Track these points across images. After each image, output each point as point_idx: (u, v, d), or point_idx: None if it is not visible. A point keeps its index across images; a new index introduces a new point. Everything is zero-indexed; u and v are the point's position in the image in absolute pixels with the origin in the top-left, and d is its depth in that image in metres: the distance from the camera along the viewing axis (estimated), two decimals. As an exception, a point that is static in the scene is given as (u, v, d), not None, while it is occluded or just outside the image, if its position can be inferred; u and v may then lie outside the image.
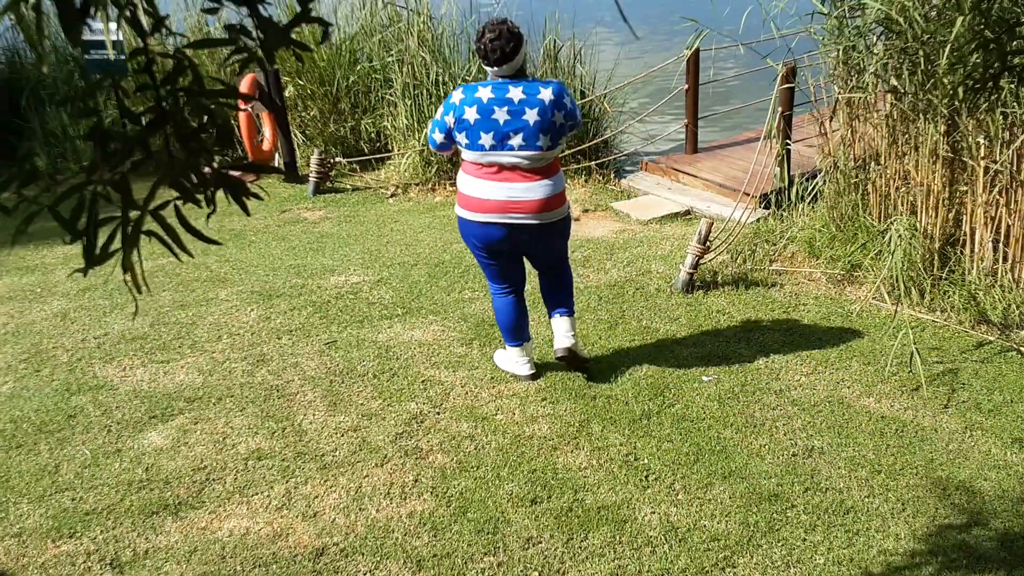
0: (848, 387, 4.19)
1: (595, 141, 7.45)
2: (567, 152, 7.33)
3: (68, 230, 1.33)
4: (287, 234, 6.40)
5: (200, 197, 1.39)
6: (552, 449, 3.73)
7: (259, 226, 6.56)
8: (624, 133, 7.84)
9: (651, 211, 6.65)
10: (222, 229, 6.58)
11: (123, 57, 7.51)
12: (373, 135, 7.78)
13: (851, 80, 5.33)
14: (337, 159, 7.41)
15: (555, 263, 4.17)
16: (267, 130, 7.39)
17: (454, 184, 7.25)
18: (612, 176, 7.34)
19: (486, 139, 3.76)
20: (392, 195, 7.12)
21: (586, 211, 6.75)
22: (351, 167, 7.54)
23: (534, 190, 3.82)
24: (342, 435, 3.84)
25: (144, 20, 1.36)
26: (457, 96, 3.83)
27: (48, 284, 5.59)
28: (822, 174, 5.72)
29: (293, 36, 1.35)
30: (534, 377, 4.25)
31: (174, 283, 5.46)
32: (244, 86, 7.02)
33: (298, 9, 1.39)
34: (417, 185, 7.23)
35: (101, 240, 1.39)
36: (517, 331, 4.19)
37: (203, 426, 3.92)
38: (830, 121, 5.63)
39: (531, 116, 3.73)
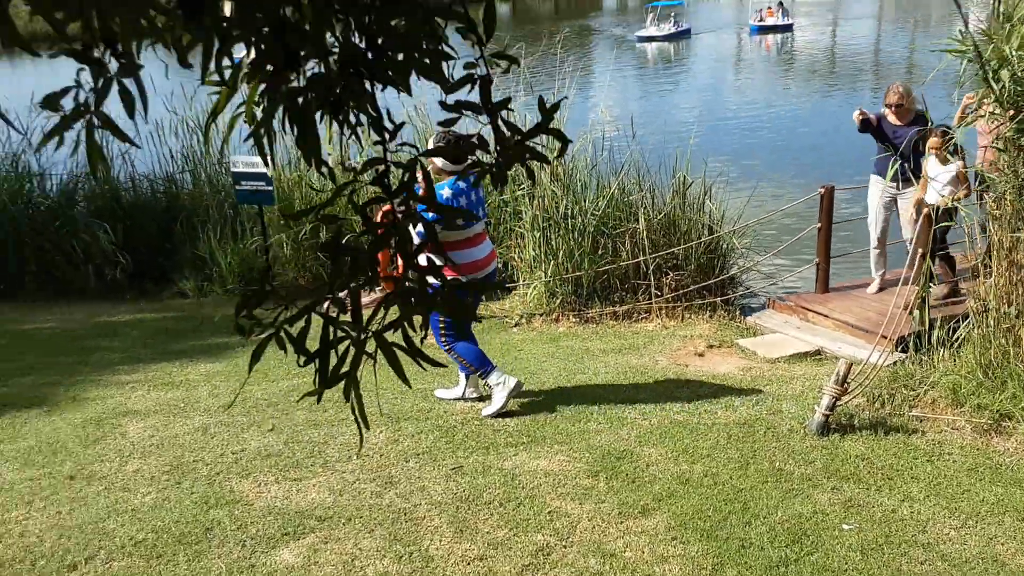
0: (1002, 544, 3.92)
1: (721, 277, 7.47)
2: (691, 287, 7.38)
3: (300, 352, 1.40)
4: (415, 359, 6.58)
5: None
6: (684, 592, 3.61)
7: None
8: (751, 271, 7.84)
9: (779, 350, 6.55)
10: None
11: (270, 188, 8.08)
12: (500, 266, 8.03)
13: (1016, 222, 5.18)
14: (465, 288, 7.67)
15: None
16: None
17: (578, 315, 7.39)
18: (738, 313, 7.31)
19: None
20: (516, 324, 7.27)
21: (711, 347, 6.70)
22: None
23: None
24: (468, 563, 3.83)
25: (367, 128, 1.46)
26: (453, 195, 4.97)
27: (191, 400, 5.90)
28: (969, 319, 5.53)
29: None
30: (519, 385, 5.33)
31: (308, 402, 5.67)
32: (379, 215, 7.43)
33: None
34: (541, 315, 7.37)
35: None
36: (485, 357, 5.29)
37: (333, 546, 3.99)
38: (983, 263, 5.50)
39: None
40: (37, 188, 9.87)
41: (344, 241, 1.46)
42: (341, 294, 1.39)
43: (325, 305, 1.40)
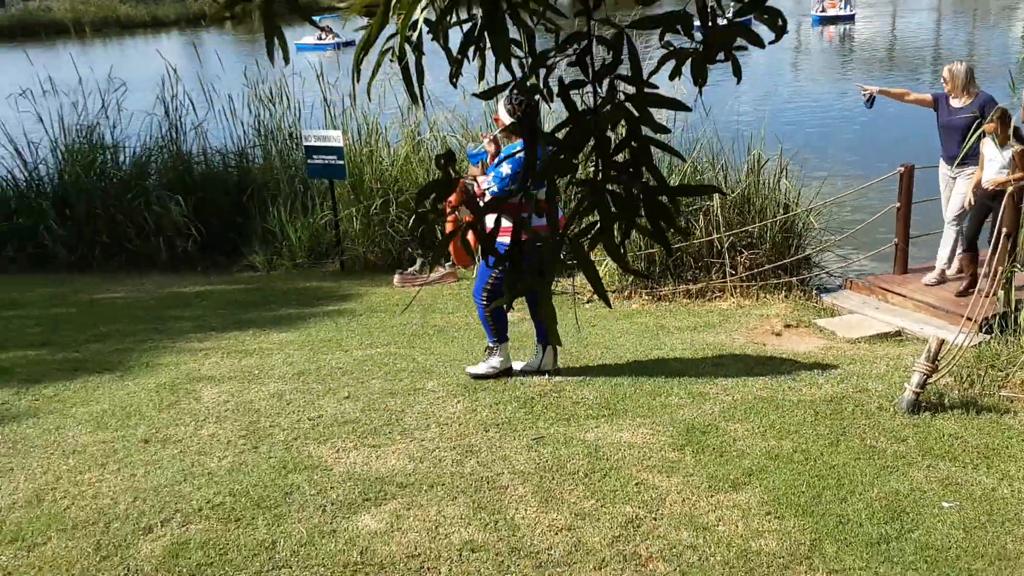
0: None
1: (796, 257, 7.20)
2: (766, 267, 7.12)
3: (489, 251, 1.23)
4: (486, 332, 6.45)
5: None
6: (783, 568, 3.41)
7: (460, 323, 6.65)
8: (827, 251, 7.55)
9: (858, 330, 6.27)
10: (426, 325, 6.73)
11: (341, 162, 7.98)
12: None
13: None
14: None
15: None
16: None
17: (651, 293, 7.17)
18: (813, 293, 7.04)
19: None
20: (588, 301, 7.09)
21: (788, 326, 6.44)
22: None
23: None
24: (556, 533, 3.67)
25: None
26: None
27: (265, 367, 5.82)
28: None
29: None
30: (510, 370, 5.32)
31: (383, 372, 5.56)
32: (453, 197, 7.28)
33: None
34: (613, 292, 7.18)
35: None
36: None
37: (416, 512, 3.86)
38: None
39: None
40: (110, 160, 9.90)
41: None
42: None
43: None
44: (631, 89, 1.28)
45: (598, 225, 1.30)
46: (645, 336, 6.20)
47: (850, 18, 36.42)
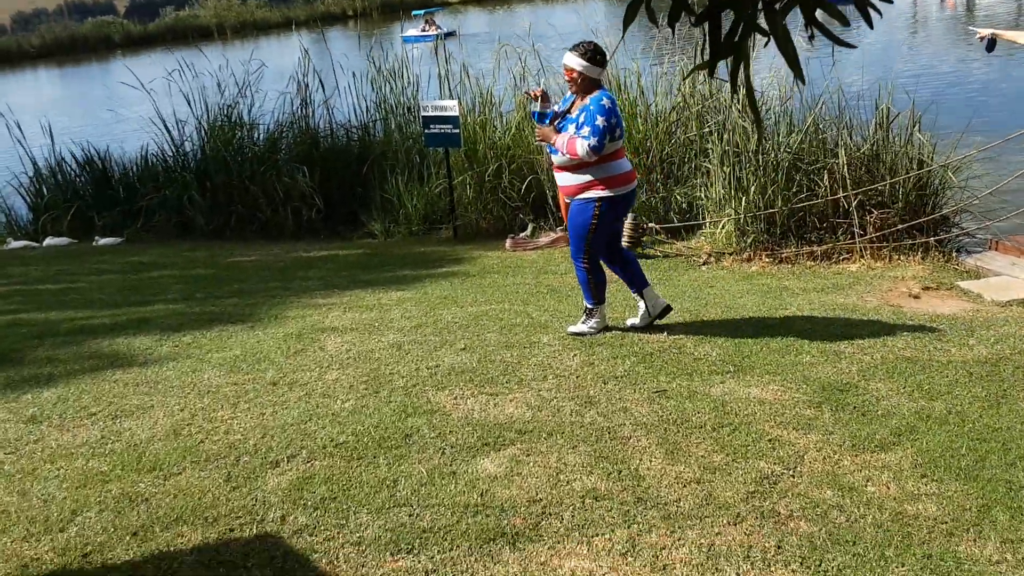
0: None
1: (933, 216, 6.45)
2: (900, 227, 6.41)
3: (685, 9, 0.95)
4: (602, 292, 6.03)
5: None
6: (947, 535, 2.88)
7: (573, 283, 6.24)
8: (967, 211, 6.74)
9: (1009, 292, 5.52)
10: (540, 285, 6.37)
11: (457, 131, 7.70)
12: (684, 206, 7.32)
13: None
14: (650, 224, 7.01)
15: None
16: None
17: (771, 255, 6.58)
18: (953, 254, 6.28)
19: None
20: (704, 263, 6.56)
21: (926, 288, 5.75)
22: (660, 236, 7.11)
23: None
24: (684, 486, 3.24)
25: None
26: (613, 105, 4.54)
27: (384, 320, 5.59)
28: None
29: None
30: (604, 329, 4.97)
31: (498, 326, 5.23)
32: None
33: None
34: (731, 255, 6.62)
35: None
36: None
37: (535, 459, 3.50)
38: None
39: None
40: (247, 137, 10.02)
41: None
42: None
43: None
44: None
45: None
46: (768, 297, 5.65)
47: None
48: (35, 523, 3.20)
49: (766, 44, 1.18)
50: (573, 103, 4.72)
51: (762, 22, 1.15)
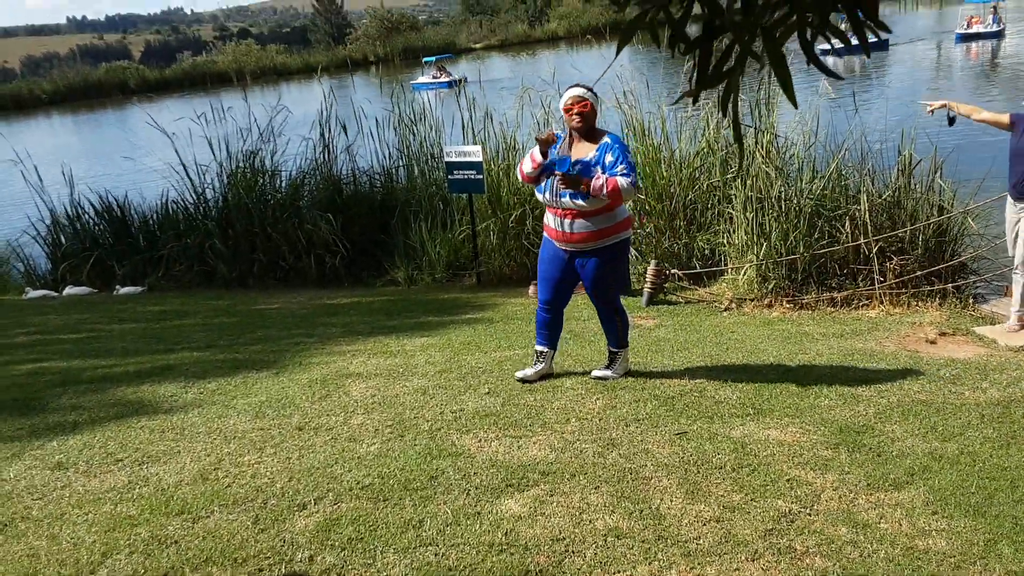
0: None
1: (951, 263, 6.69)
2: (918, 273, 6.65)
3: (680, 38, 1.14)
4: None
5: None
6: (955, 567, 3.08)
7: (596, 329, 6.51)
8: (984, 258, 6.97)
9: (1022, 338, 5.73)
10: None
11: (480, 176, 8.04)
12: (707, 252, 7.60)
13: None
14: (672, 271, 7.29)
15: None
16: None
17: (792, 301, 6.83)
18: (970, 301, 6.50)
19: None
20: (726, 308, 6.81)
21: (943, 334, 5.97)
22: (682, 282, 7.38)
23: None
24: (704, 524, 3.47)
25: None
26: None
27: (409, 366, 5.86)
28: None
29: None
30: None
31: (518, 369, 5.50)
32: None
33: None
34: (752, 301, 6.87)
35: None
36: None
37: (559, 499, 3.74)
38: None
39: None
40: (269, 183, 10.37)
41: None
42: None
43: None
44: None
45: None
46: (788, 342, 5.89)
47: (996, 35, 34.23)
48: (65, 565, 3.32)
49: (758, 71, 1.39)
50: (561, 146, 4.84)
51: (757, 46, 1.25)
